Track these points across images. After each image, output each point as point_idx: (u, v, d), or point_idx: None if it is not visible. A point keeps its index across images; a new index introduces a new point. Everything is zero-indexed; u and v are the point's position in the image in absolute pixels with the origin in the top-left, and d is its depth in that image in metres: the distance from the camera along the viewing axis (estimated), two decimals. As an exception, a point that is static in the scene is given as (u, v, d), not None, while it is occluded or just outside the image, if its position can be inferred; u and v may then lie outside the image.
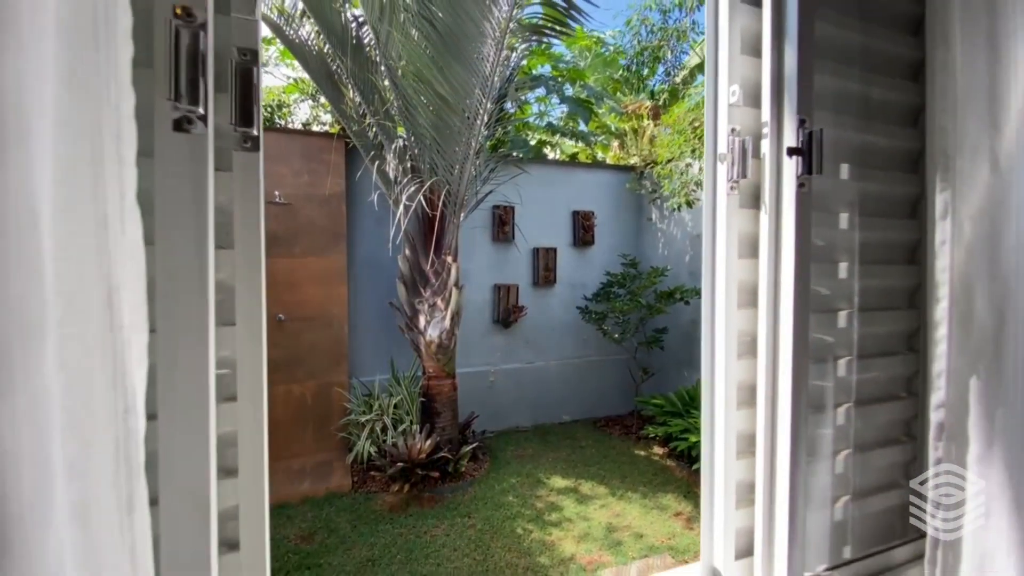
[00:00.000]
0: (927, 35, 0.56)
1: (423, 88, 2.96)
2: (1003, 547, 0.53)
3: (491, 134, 3.57)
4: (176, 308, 0.31)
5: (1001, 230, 0.52)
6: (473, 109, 3.09)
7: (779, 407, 0.53)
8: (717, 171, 0.56)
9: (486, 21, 2.78)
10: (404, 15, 2.96)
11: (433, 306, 3.50)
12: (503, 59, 3.00)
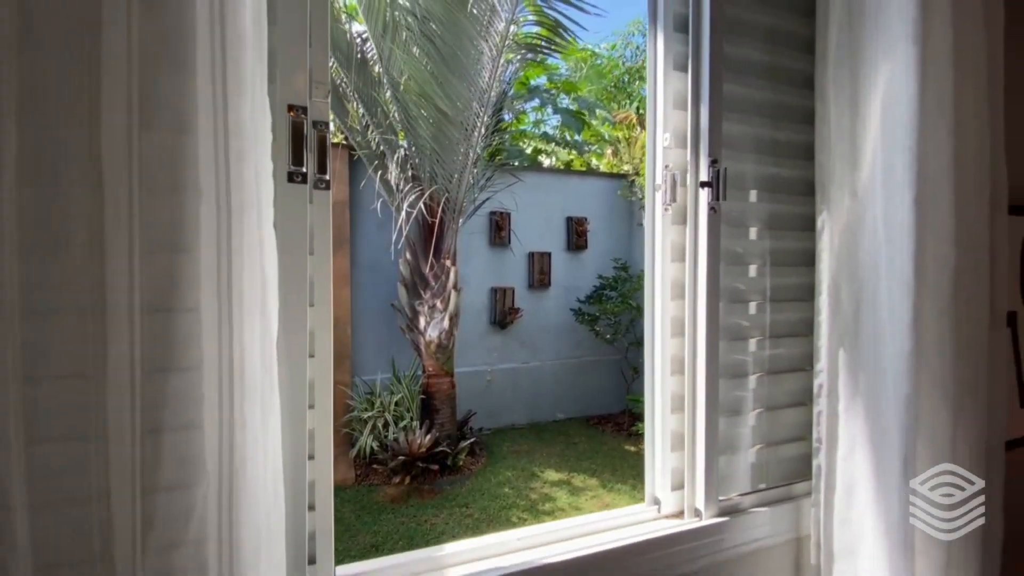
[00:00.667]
0: (815, 92, 0.75)
1: (424, 102, 3.15)
2: (863, 474, 0.70)
3: (488, 144, 3.76)
4: (288, 300, 0.47)
5: (858, 242, 0.70)
6: (471, 121, 3.28)
7: (697, 374, 0.70)
8: (656, 197, 0.74)
9: (483, 40, 2.97)
10: (406, 33, 3.14)
11: (433, 308, 3.67)
12: (499, 75, 3.19)
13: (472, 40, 2.99)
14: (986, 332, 0.68)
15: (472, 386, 4.21)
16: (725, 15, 0.71)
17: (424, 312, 3.68)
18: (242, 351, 0.40)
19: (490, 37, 3.00)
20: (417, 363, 3.84)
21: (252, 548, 0.41)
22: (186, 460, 0.39)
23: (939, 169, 0.63)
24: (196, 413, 0.39)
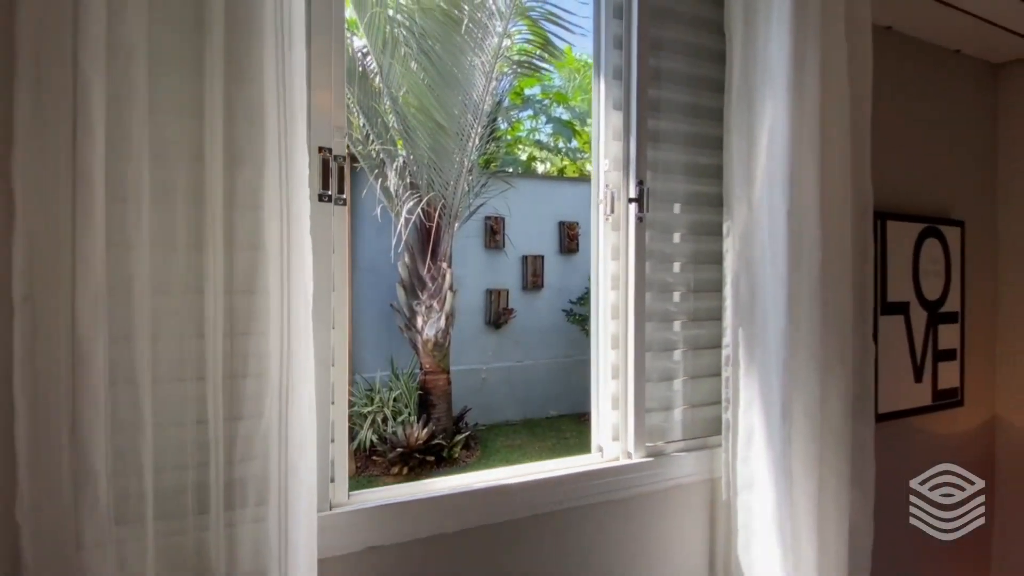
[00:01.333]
0: (723, 126, 0.95)
1: (421, 114, 3.36)
2: (757, 424, 0.90)
3: (482, 153, 3.96)
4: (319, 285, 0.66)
5: (752, 245, 0.89)
6: (466, 132, 3.49)
7: (629, 349, 0.90)
8: (599, 209, 0.94)
9: (476, 56, 3.18)
10: (405, 49, 3.35)
11: (430, 308, 3.87)
12: (492, 88, 3.40)
13: (466, 57, 3.21)
14: (849, 313, 0.87)
15: (467, 383, 4.40)
16: (651, 66, 0.91)
17: (421, 312, 3.88)
18: (293, 321, 0.60)
19: (483, 54, 3.21)
20: (415, 361, 4.03)
21: (296, 463, 0.61)
22: (258, 397, 0.59)
23: (807, 187, 0.83)
24: (265, 365, 0.59)
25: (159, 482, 0.56)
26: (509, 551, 0.78)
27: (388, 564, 0.70)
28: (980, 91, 1.33)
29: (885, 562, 1.04)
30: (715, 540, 0.94)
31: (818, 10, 0.84)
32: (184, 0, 0.57)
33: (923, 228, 1.16)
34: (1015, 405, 1.32)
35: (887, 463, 1.10)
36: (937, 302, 1.18)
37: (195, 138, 0.56)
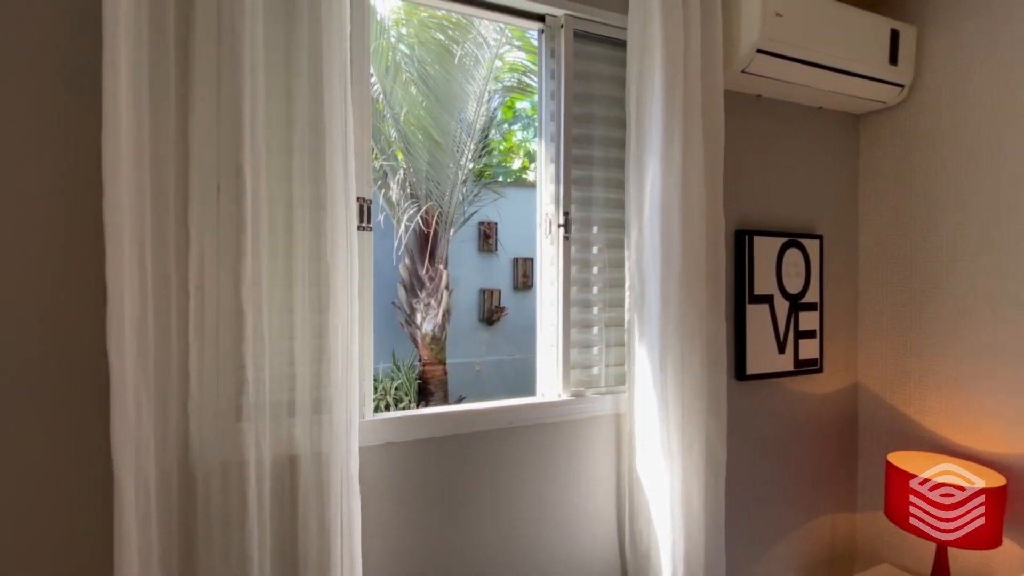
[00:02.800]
0: (625, 172, 1.39)
1: (420, 133, 3.80)
2: (643, 376, 1.34)
3: (475, 166, 4.41)
4: (363, 285, 1.11)
5: (641, 256, 1.33)
6: (460, 147, 3.94)
7: (560, 327, 1.34)
8: (540, 230, 1.38)
9: (468, 83, 3.63)
10: (406, 75, 3.81)
11: (428, 305, 4.31)
12: (482, 110, 3.84)
13: (459, 83, 3.65)
14: (703, 301, 1.31)
15: (463, 375, 4.85)
16: (576, 133, 1.36)
17: (420, 309, 4.33)
18: (348, 306, 1.04)
19: (474, 80, 3.66)
20: (414, 353, 4.47)
21: (347, 392, 1.04)
22: (328, 351, 1.02)
23: (673, 217, 1.27)
24: (333, 332, 1.02)
25: (272, 396, 1.00)
26: (477, 451, 1.23)
27: (398, 452, 1.15)
28: (844, 136, 1.77)
29: (752, 483, 1.49)
30: (620, 453, 1.38)
31: (681, 99, 1.28)
32: (280, 123, 1.01)
33: (785, 241, 1.60)
34: (872, 374, 1.76)
35: (759, 408, 1.56)
36: (798, 295, 1.63)
37: (289, 194, 1.00)
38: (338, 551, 1.03)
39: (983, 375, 1.47)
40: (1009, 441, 1.41)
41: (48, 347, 0.91)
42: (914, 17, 1.62)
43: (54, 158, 0.91)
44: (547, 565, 1.31)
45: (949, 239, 1.54)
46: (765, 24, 1.33)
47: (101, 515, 0.92)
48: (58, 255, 0.91)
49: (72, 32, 0.91)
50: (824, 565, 1.72)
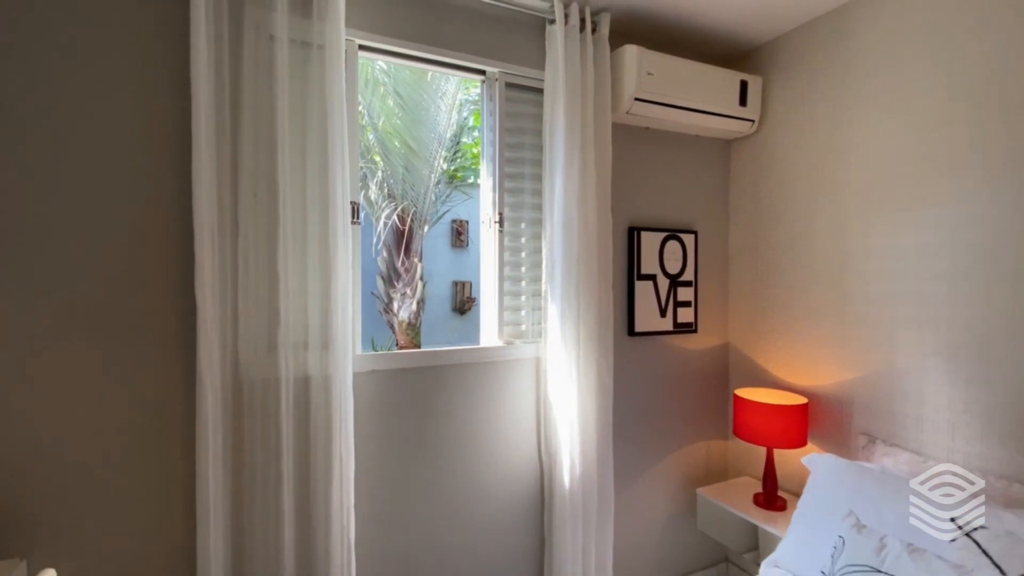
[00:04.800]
0: (543, 183, 1.94)
1: (396, 140, 4.30)
2: (554, 329, 1.89)
3: (447, 168, 4.93)
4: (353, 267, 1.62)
5: (553, 243, 1.87)
6: (433, 153, 4.45)
7: (496, 294, 1.88)
8: (482, 226, 1.92)
9: (440, 98, 4.14)
10: (383, 88, 4.29)
11: (404, 295, 4.81)
12: (452, 120, 4.36)
13: (431, 97, 4.16)
14: (596, 277, 1.87)
15: (436, 358, 5.33)
16: (507, 156, 1.90)
17: (397, 298, 4.82)
18: (347, 278, 1.56)
19: (446, 95, 4.17)
20: (392, 339, 4.96)
21: (345, 335, 1.56)
22: (332, 308, 1.54)
23: (573, 217, 1.83)
24: (334, 296, 1.54)
25: (294, 336, 1.51)
26: (437, 379, 1.77)
27: (380, 377, 1.68)
28: (718, 156, 2.36)
29: (641, 415, 2.07)
30: (538, 384, 1.94)
31: (579, 134, 1.84)
32: (298, 149, 1.52)
33: (666, 235, 2.18)
34: (736, 334, 2.36)
35: (646, 357, 2.13)
36: (677, 275, 2.21)
37: (304, 199, 1.52)
38: (338, 440, 1.56)
39: (799, 331, 2.07)
40: (811, 376, 2.02)
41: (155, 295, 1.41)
42: (759, 70, 2.22)
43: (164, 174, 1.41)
44: (489, 460, 1.86)
45: (785, 234, 2.14)
46: (640, 80, 1.90)
47: (183, 411, 1.43)
48: (165, 234, 1.41)
49: (175, 97, 1.41)
50: (700, 478, 2.31)
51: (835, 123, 1.94)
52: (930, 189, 1.66)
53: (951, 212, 1.61)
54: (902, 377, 1.73)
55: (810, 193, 2.04)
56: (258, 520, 1.47)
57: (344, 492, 1.54)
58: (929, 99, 1.66)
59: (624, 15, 1.98)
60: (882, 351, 1.79)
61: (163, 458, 1.44)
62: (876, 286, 1.81)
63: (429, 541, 1.78)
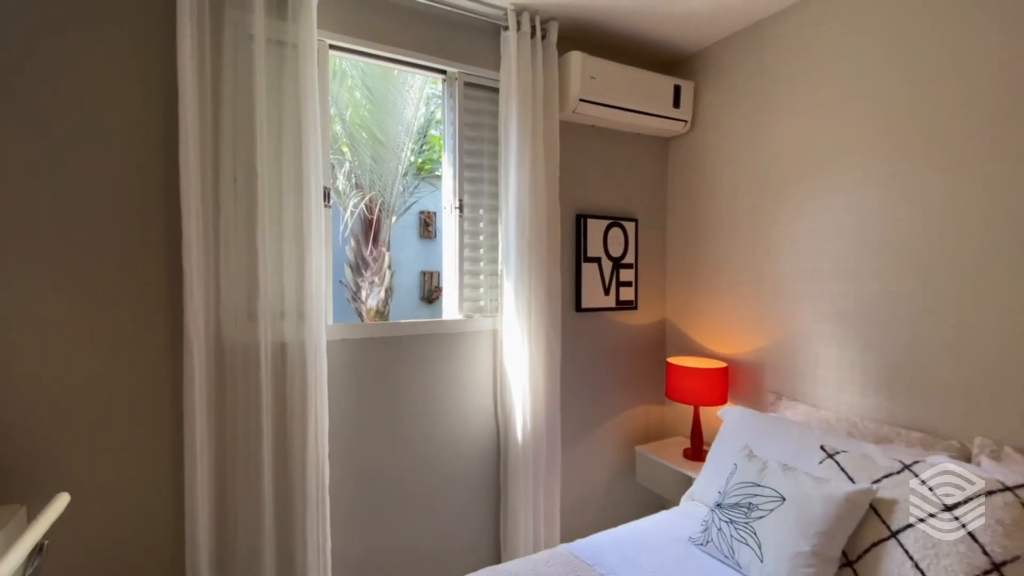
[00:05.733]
0: (499, 173, 2.16)
1: (364, 131, 4.43)
2: (509, 304, 2.13)
3: (415, 160, 5.08)
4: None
5: (508, 228, 2.12)
6: (399, 145, 4.60)
7: (457, 273, 2.10)
8: (444, 211, 2.13)
9: (407, 92, 4.30)
10: (351, 81, 4.41)
11: (372, 283, 4.95)
12: (420, 114, 4.52)
13: (398, 90, 4.31)
14: (545, 257, 2.11)
15: (404, 345, 5.49)
16: (467, 148, 2.12)
17: (365, 287, 4.96)
18: (320, 255, 1.74)
19: (412, 89, 4.33)
20: (360, 325, 5.08)
21: (320, 307, 1.74)
22: (307, 281, 1.73)
23: (525, 205, 2.06)
24: (309, 271, 1.72)
25: (272, 307, 1.68)
26: (403, 348, 1.98)
27: (350, 345, 1.88)
28: (657, 152, 2.64)
29: (587, 382, 2.33)
30: (495, 353, 2.17)
31: (530, 130, 2.07)
32: (275, 137, 1.69)
33: (609, 223, 2.44)
34: (673, 311, 2.65)
35: (591, 330, 2.39)
36: (619, 257, 2.48)
37: (280, 182, 1.69)
38: (313, 397, 1.74)
39: (723, 306, 2.38)
40: (732, 344, 2.33)
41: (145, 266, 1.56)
42: (692, 76, 2.50)
43: (153, 158, 1.56)
44: (451, 420, 2.08)
45: (711, 222, 2.44)
46: (584, 83, 2.15)
47: (169, 372, 1.59)
48: (156, 207, 1.57)
49: (163, 90, 1.56)
50: (639, 438, 2.60)
51: (753, 125, 2.24)
52: (824, 182, 1.97)
53: (838, 201, 1.93)
54: (802, 342, 2.05)
55: (732, 186, 2.34)
56: (240, 467, 1.65)
57: (319, 444, 1.74)
58: (826, 106, 1.97)
59: (571, 24, 2.21)
60: (787, 321, 2.10)
61: (153, 414, 1.60)
62: (783, 266, 2.12)
63: (396, 490, 1.99)
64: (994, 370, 1.52)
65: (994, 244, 1.52)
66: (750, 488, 1.41)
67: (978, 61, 1.55)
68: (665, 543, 1.51)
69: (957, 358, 1.60)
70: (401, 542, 2.00)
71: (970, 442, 1.54)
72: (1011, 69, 1.49)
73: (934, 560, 1.14)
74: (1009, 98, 1.49)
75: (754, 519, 1.33)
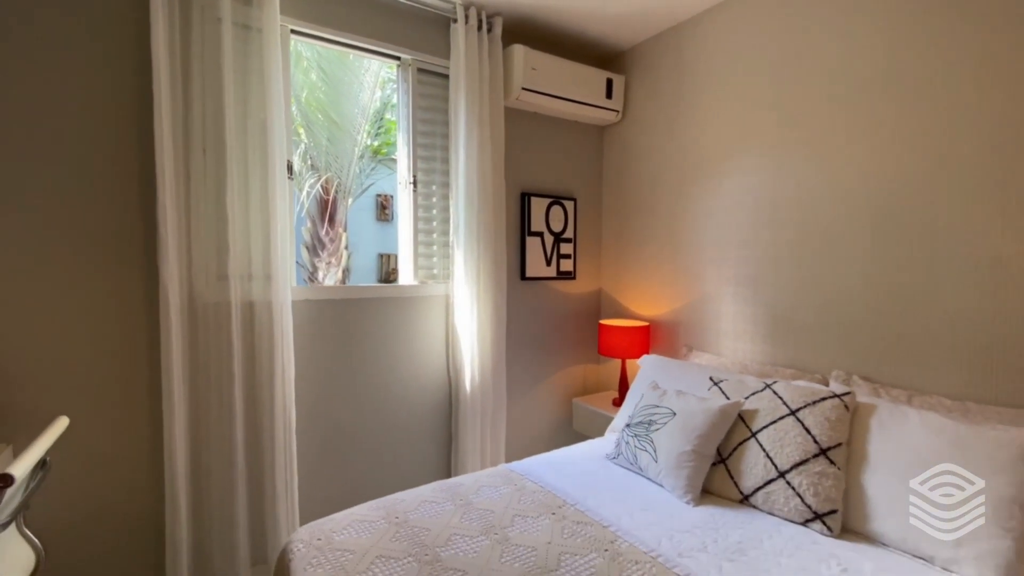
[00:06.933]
0: (449, 153, 2.40)
1: (320, 113, 4.51)
2: (459, 273, 2.38)
3: (372, 143, 5.19)
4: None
5: (458, 203, 2.37)
6: (356, 127, 4.71)
7: (412, 243, 2.34)
8: (400, 186, 2.35)
9: (363, 75, 4.41)
10: (306, 62, 4.47)
11: (329, 264, 5.06)
12: (376, 97, 4.65)
13: (354, 73, 4.42)
14: (492, 229, 2.38)
15: (361, 324, 5.63)
16: (421, 129, 2.34)
17: (322, 267, 5.06)
18: (285, 225, 1.93)
19: (368, 72, 4.45)
20: (317, 305, 5.17)
21: (286, 273, 1.93)
22: (272, 250, 1.91)
23: (473, 182, 2.32)
24: (274, 241, 1.91)
25: (240, 270, 1.86)
26: (361, 310, 2.20)
27: (313, 305, 2.09)
28: (594, 138, 2.95)
29: (530, 344, 2.62)
30: (447, 315, 2.43)
31: (477, 115, 2.31)
32: (241, 113, 1.85)
33: (551, 201, 2.73)
34: (607, 281, 2.98)
35: (534, 297, 2.68)
36: (560, 232, 2.78)
37: (246, 155, 1.86)
38: (279, 353, 1.94)
39: (648, 274, 2.73)
40: (655, 307, 2.69)
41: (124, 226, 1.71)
42: (623, 71, 2.82)
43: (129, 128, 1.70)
44: (407, 374, 2.33)
45: (639, 201, 2.77)
46: (526, 74, 2.41)
47: (146, 323, 1.75)
48: (132, 176, 1.71)
49: (137, 68, 1.70)
50: (577, 392, 2.94)
51: (672, 116, 2.58)
52: (727, 167, 2.33)
53: (737, 183, 2.29)
54: (709, 302, 2.42)
55: (656, 170, 2.68)
56: (214, 411, 1.83)
57: (286, 392, 1.94)
58: (729, 101, 2.32)
59: (515, 19, 2.46)
60: (697, 284, 2.47)
61: (132, 364, 1.75)
62: (695, 237, 2.48)
63: (358, 435, 2.22)
64: (849, 320, 1.92)
65: (850, 218, 1.91)
66: (651, 409, 1.75)
67: (844, 67, 1.93)
68: (586, 460, 1.83)
69: (822, 311, 2.00)
70: (362, 481, 2.24)
71: (829, 374, 1.95)
72: (865, 74, 1.87)
73: (780, 449, 1.50)
74: (864, 97, 1.87)
75: (652, 431, 1.66)
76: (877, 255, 1.83)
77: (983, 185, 1.57)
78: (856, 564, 1.23)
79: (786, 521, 1.43)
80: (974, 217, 1.59)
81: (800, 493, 1.42)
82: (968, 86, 1.60)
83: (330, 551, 1.26)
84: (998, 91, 1.54)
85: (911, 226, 1.73)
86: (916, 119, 1.72)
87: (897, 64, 1.76)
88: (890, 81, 1.78)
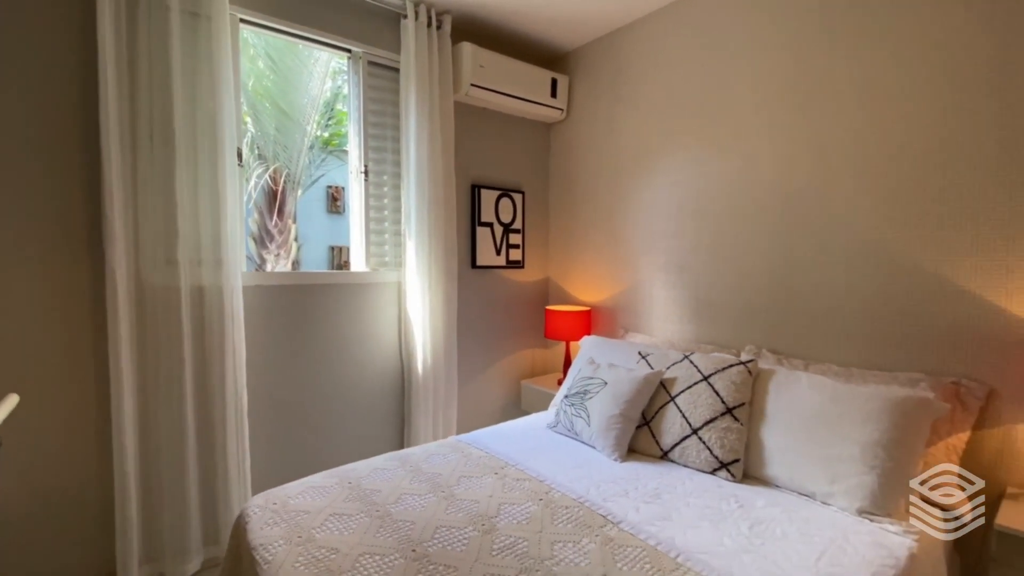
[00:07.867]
0: (401, 145, 2.49)
1: (268, 102, 4.44)
2: (412, 259, 2.49)
3: (322, 134, 5.15)
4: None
5: (409, 194, 2.47)
6: (306, 118, 4.67)
7: (363, 231, 2.42)
8: (352, 175, 2.42)
9: (313, 65, 4.39)
10: (253, 50, 4.39)
11: (277, 256, 4.99)
12: (326, 88, 4.63)
13: (303, 62, 4.38)
14: (443, 221, 2.50)
15: (313, 317, 5.58)
16: (372, 121, 2.42)
17: (271, 259, 4.98)
18: (236, 212, 1.97)
19: (318, 62, 4.42)
20: (266, 298, 5.09)
21: (236, 258, 1.97)
22: (223, 238, 1.95)
23: (424, 174, 2.42)
24: (224, 228, 1.94)
25: (189, 255, 1.89)
26: (313, 296, 2.27)
27: (263, 291, 2.14)
28: (541, 135, 3.12)
29: (480, 329, 2.76)
30: (399, 301, 2.53)
31: (427, 109, 2.42)
32: (190, 103, 1.88)
33: (500, 193, 2.88)
34: (554, 270, 3.17)
35: (485, 285, 2.82)
36: (509, 223, 2.93)
37: (195, 143, 1.89)
38: (230, 338, 1.99)
39: (589, 263, 2.93)
40: (596, 293, 2.89)
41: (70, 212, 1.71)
42: (567, 71, 3.00)
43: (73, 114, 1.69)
44: (360, 358, 2.41)
45: (581, 194, 2.97)
46: (474, 70, 2.54)
47: (94, 313, 1.76)
48: (78, 162, 1.70)
49: (82, 55, 1.69)
50: (525, 374, 3.11)
51: (610, 116, 2.79)
52: (658, 163, 2.56)
53: (666, 178, 2.52)
54: (643, 287, 2.65)
55: (597, 166, 2.88)
56: (163, 392, 1.86)
57: (237, 376, 1.99)
58: (659, 103, 2.55)
59: (463, 17, 2.58)
60: (632, 271, 2.69)
61: (78, 346, 1.76)
62: (630, 228, 2.70)
63: (311, 416, 2.29)
64: (758, 301, 2.18)
65: (761, 210, 2.17)
66: (587, 381, 1.93)
67: (758, 78, 2.18)
68: (529, 430, 2.00)
69: (736, 294, 2.25)
70: (315, 460, 2.31)
71: (743, 348, 2.20)
72: (775, 84, 2.12)
73: (694, 410, 1.72)
74: (774, 104, 2.13)
75: (587, 400, 1.85)
76: (782, 242, 2.09)
77: (866, 180, 1.85)
78: (750, 500, 1.46)
79: (698, 471, 1.65)
80: (860, 207, 1.87)
81: (709, 446, 1.64)
82: (853, 98, 1.88)
83: (285, 512, 1.35)
84: (876, 103, 1.82)
85: (809, 216, 2.00)
86: (814, 124, 1.99)
87: (800, 77, 2.03)
88: (795, 91, 2.04)
